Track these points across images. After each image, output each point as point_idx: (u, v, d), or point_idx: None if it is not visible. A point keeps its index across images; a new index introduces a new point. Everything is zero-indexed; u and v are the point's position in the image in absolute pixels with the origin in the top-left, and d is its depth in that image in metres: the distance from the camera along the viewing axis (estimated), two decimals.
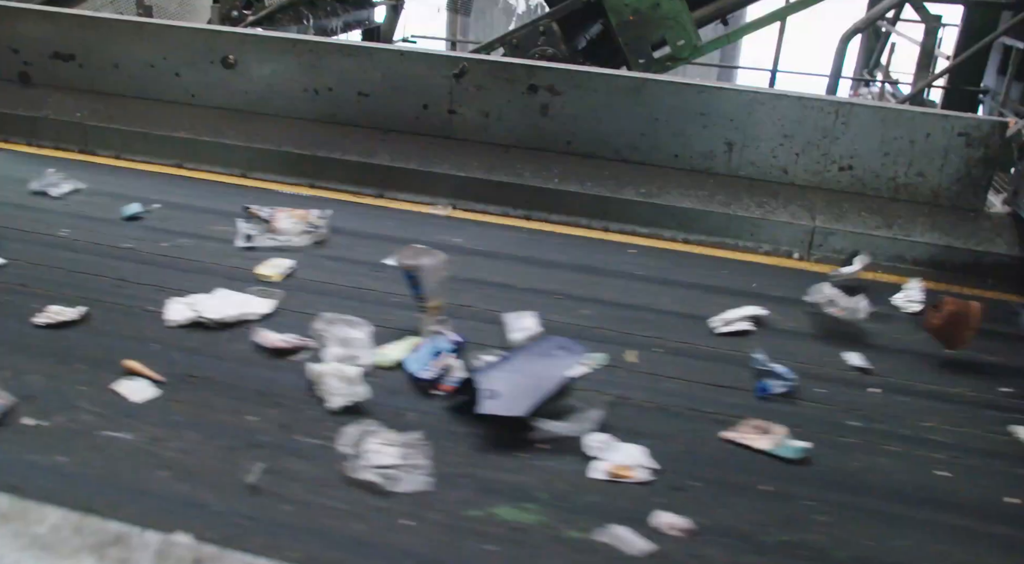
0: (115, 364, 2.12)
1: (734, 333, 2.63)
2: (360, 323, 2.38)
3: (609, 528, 1.73)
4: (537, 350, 2.30)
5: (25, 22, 4.19)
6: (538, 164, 3.62)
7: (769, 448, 2.06)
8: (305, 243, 3.05)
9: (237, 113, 3.94)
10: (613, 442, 2.02)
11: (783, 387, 2.32)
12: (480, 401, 2.02)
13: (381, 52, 3.79)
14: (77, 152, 4.01)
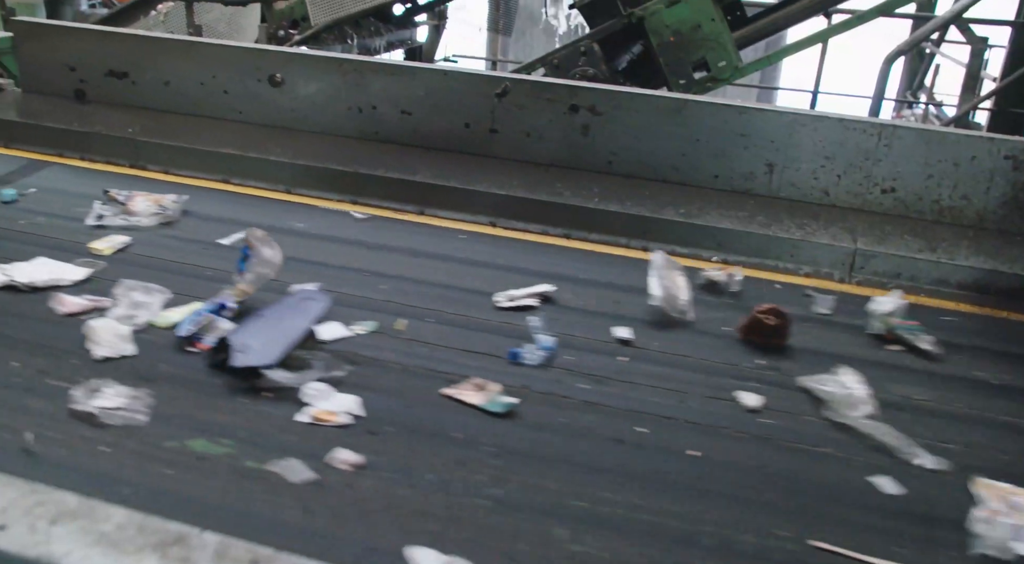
0: None
1: (518, 308, 2.78)
2: (157, 290, 2.62)
3: (284, 460, 1.89)
4: (287, 303, 2.52)
5: (82, 41, 4.33)
6: (578, 183, 3.65)
7: (479, 403, 2.21)
8: (152, 223, 3.31)
9: (282, 130, 4.02)
10: (330, 392, 2.19)
11: (538, 354, 2.44)
12: (232, 355, 2.19)
13: (424, 71, 3.85)
14: (128, 167, 4.11)
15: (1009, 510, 1.85)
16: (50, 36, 4.42)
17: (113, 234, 3.16)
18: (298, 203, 3.74)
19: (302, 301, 2.50)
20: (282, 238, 2.81)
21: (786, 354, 2.63)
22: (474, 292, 2.90)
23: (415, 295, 2.86)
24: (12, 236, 3.11)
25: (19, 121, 4.34)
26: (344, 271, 3.03)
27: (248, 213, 3.39)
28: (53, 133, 4.24)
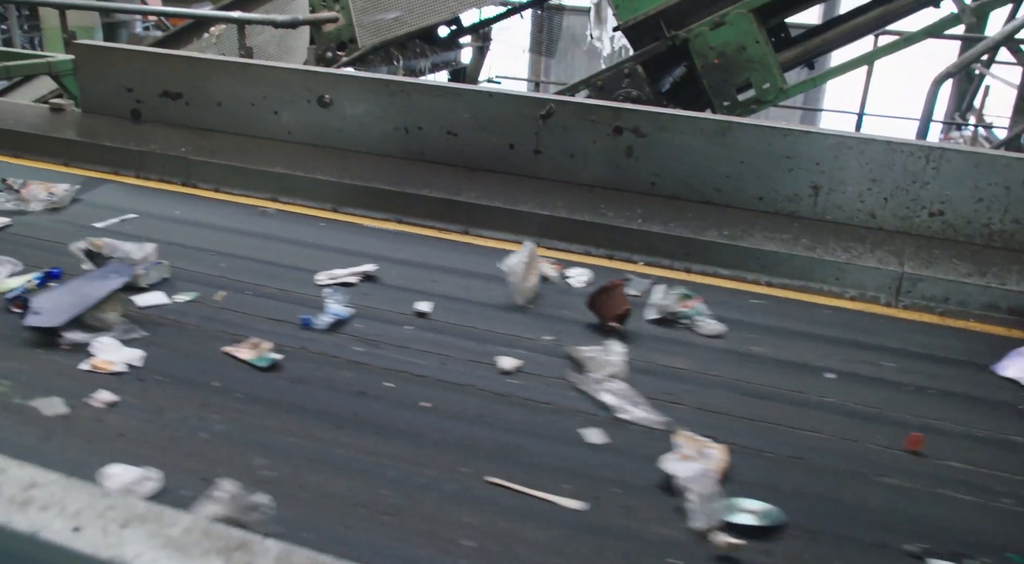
0: None
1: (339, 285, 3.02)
2: (7, 261, 2.91)
3: (47, 398, 2.12)
4: (94, 274, 2.79)
5: (139, 63, 4.46)
6: (621, 204, 3.66)
7: (248, 358, 2.46)
8: (39, 209, 3.62)
9: (330, 150, 4.09)
10: (118, 346, 2.43)
11: (324, 320, 2.69)
12: (26, 316, 2.51)
13: (470, 93, 3.90)
14: (180, 185, 4.22)
15: (699, 456, 2.04)
16: (109, 58, 4.56)
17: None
18: (342, 221, 3.82)
19: (108, 273, 2.76)
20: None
21: (578, 331, 2.81)
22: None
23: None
24: None
25: (78, 140, 4.48)
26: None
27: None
28: (110, 152, 4.38)
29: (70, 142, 4.49)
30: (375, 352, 2.58)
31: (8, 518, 0.79)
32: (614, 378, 2.43)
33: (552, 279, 3.24)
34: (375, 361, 2.52)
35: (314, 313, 2.74)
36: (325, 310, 2.74)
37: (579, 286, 3.20)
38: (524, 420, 2.27)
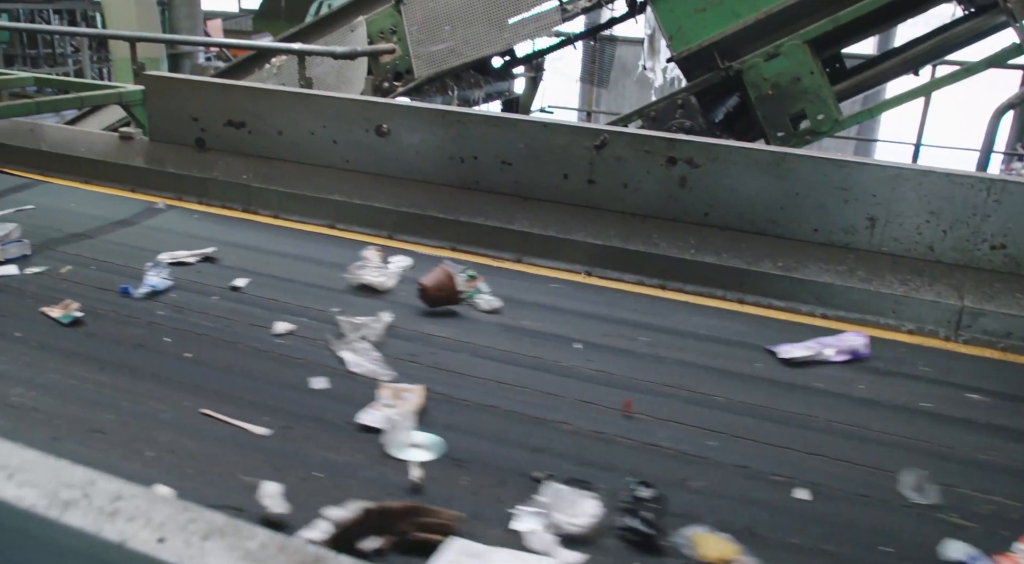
0: None
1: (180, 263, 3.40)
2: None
3: None
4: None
5: (204, 93, 4.61)
6: (674, 234, 3.67)
7: (56, 316, 2.82)
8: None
9: (387, 178, 4.17)
10: None
11: (142, 291, 3.06)
12: None
13: (525, 123, 3.95)
14: (241, 211, 4.33)
15: (396, 401, 2.35)
16: (176, 89, 4.72)
17: None
18: (397, 247, 3.88)
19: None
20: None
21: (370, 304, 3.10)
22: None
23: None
24: None
25: (145, 167, 4.63)
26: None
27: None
28: (175, 178, 4.52)
29: (137, 169, 4.65)
30: (174, 316, 2.93)
31: (99, 528, 0.84)
32: (364, 340, 2.73)
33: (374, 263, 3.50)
34: (166, 322, 2.87)
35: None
36: (145, 282, 3.13)
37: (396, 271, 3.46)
38: (268, 370, 2.59)
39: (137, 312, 2.95)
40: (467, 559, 1.66)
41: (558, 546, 1.76)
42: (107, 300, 3.03)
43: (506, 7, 6.34)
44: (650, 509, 1.84)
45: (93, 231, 3.86)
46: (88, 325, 2.81)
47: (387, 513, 1.75)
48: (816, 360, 2.85)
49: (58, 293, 3.03)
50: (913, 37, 5.85)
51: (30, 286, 3.14)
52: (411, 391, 2.42)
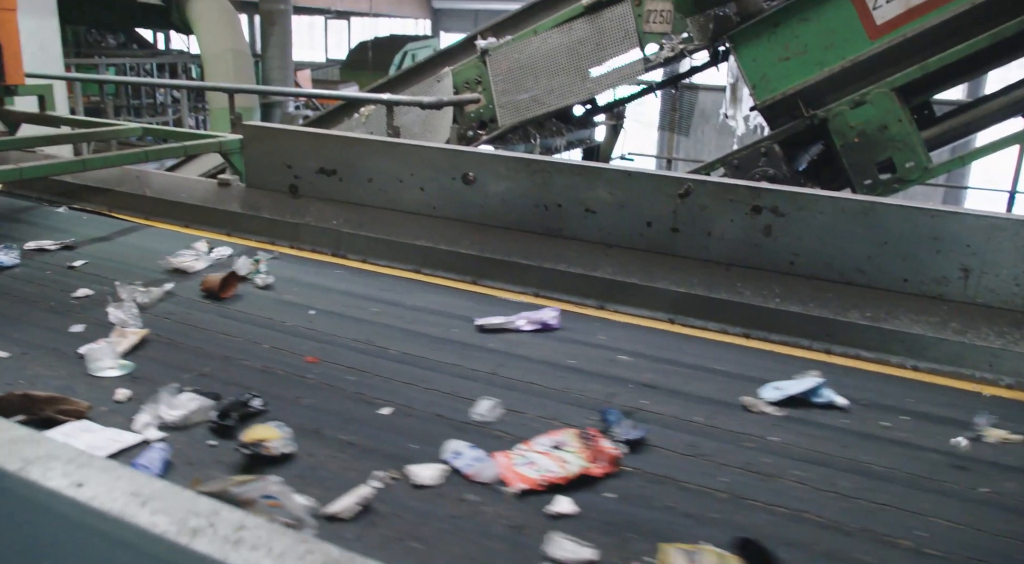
0: None
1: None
2: None
3: None
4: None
5: (299, 142, 4.81)
6: (759, 283, 3.65)
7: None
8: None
9: (472, 225, 4.26)
10: None
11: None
12: None
13: (609, 172, 4.00)
14: (330, 255, 4.48)
15: (118, 339, 2.99)
16: (272, 138, 4.94)
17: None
18: (482, 293, 3.97)
19: None
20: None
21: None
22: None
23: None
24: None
25: (241, 212, 4.84)
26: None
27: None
28: (269, 223, 4.71)
29: (234, 214, 4.86)
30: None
31: (224, 555, 0.90)
32: (134, 301, 3.37)
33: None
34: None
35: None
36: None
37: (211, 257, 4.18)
38: (57, 323, 3.27)
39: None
40: (79, 431, 2.31)
41: (154, 428, 2.36)
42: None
43: (589, 58, 6.46)
44: (238, 410, 2.45)
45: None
46: None
47: (31, 398, 2.36)
48: (508, 328, 3.43)
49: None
50: (1006, 85, 5.73)
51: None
52: (135, 333, 3.05)
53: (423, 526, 1.98)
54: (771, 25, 5.70)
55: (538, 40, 6.63)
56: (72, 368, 2.81)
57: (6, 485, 1.11)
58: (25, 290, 3.64)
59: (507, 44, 6.80)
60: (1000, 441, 2.65)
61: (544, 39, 6.59)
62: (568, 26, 6.57)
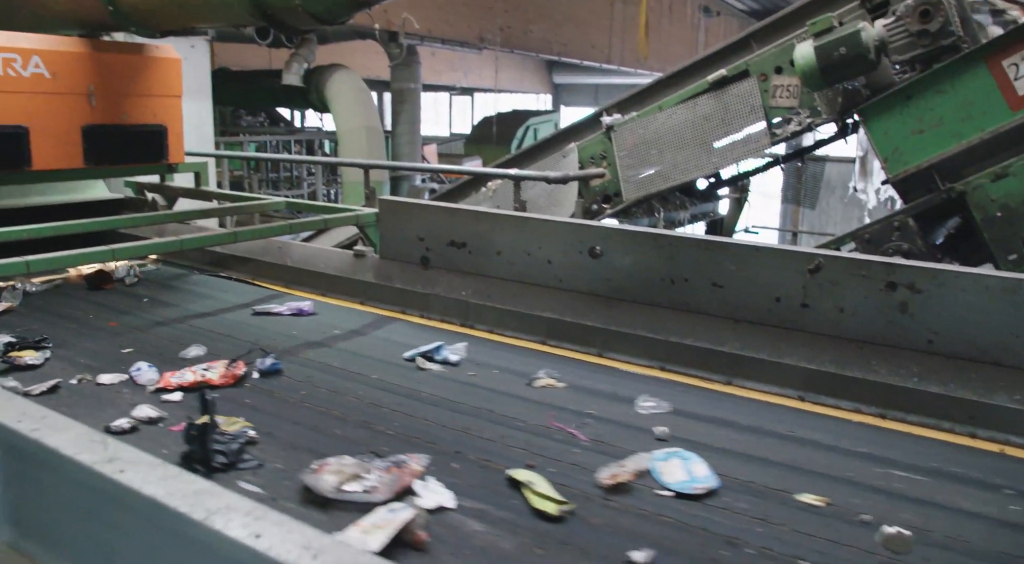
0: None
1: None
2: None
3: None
4: None
5: (431, 216, 5.02)
6: (895, 362, 3.53)
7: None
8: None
9: (599, 298, 4.32)
10: None
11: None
12: None
13: (737, 247, 4.00)
14: (458, 325, 4.61)
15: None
16: (406, 212, 5.17)
17: None
18: (606, 365, 3.99)
19: None
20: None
21: None
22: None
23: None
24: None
25: (375, 282, 5.06)
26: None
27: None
28: (400, 293, 4.90)
29: (368, 284, 5.08)
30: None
31: None
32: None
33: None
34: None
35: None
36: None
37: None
38: None
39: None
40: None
41: None
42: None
43: (714, 132, 6.51)
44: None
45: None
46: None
47: None
48: (273, 312, 4.63)
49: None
50: None
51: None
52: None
53: None
54: (903, 98, 5.62)
55: (663, 116, 6.73)
56: None
57: (193, 533, 1.22)
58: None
59: (632, 120, 6.94)
60: None
61: (669, 115, 6.70)
62: (693, 102, 6.66)
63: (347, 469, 2.38)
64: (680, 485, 2.59)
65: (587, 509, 2.41)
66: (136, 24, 5.27)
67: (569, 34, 20.71)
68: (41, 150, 5.36)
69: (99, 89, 5.58)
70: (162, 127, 5.98)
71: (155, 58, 5.92)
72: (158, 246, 5.05)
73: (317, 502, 2.32)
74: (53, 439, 1.55)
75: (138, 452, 1.50)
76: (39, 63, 5.26)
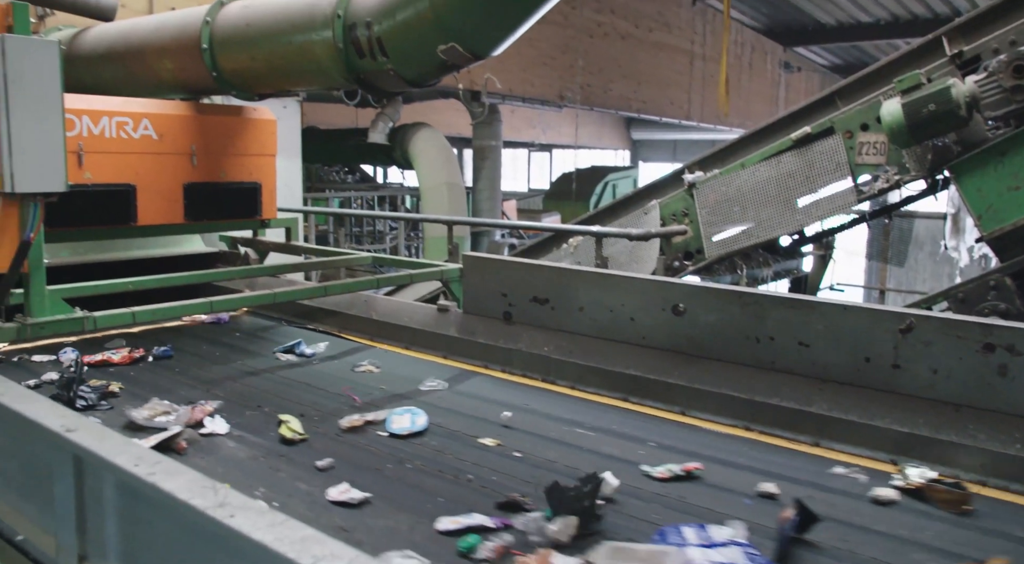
0: None
1: None
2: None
3: None
4: None
5: (514, 272, 5.10)
6: (995, 427, 3.41)
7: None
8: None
9: (681, 355, 4.30)
10: None
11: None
12: None
13: (824, 305, 3.94)
14: (540, 380, 4.64)
15: None
16: (490, 268, 5.26)
17: None
18: (690, 424, 3.95)
19: None
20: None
21: None
22: None
23: None
24: None
25: (458, 337, 5.14)
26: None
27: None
28: (483, 348, 4.96)
29: (451, 338, 5.16)
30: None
31: None
32: None
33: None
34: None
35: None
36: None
37: None
38: None
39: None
40: None
41: None
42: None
43: (798, 189, 6.46)
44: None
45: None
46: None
47: None
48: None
49: None
50: None
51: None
52: None
53: None
54: (998, 154, 5.49)
55: (746, 173, 6.72)
56: None
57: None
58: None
59: (714, 177, 6.95)
60: None
61: (752, 172, 6.68)
62: (776, 159, 6.64)
63: (159, 407, 3.65)
64: (398, 429, 3.63)
65: (317, 440, 3.53)
66: (237, 88, 5.57)
67: (648, 91, 20.89)
68: (146, 206, 5.66)
69: (200, 149, 5.88)
70: (257, 184, 6.25)
71: (252, 119, 6.22)
72: (254, 299, 5.25)
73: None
74: (168, 483, 1.64)
75: (247, 499, 1.57)
76: (148, 125, 5.59)
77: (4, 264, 3.72)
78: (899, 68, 6.43)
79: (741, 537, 2.58)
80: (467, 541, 2.51)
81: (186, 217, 5.89)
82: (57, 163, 3.60)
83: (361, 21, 4.58)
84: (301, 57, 4.97)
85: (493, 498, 2.95)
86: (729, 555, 2.43)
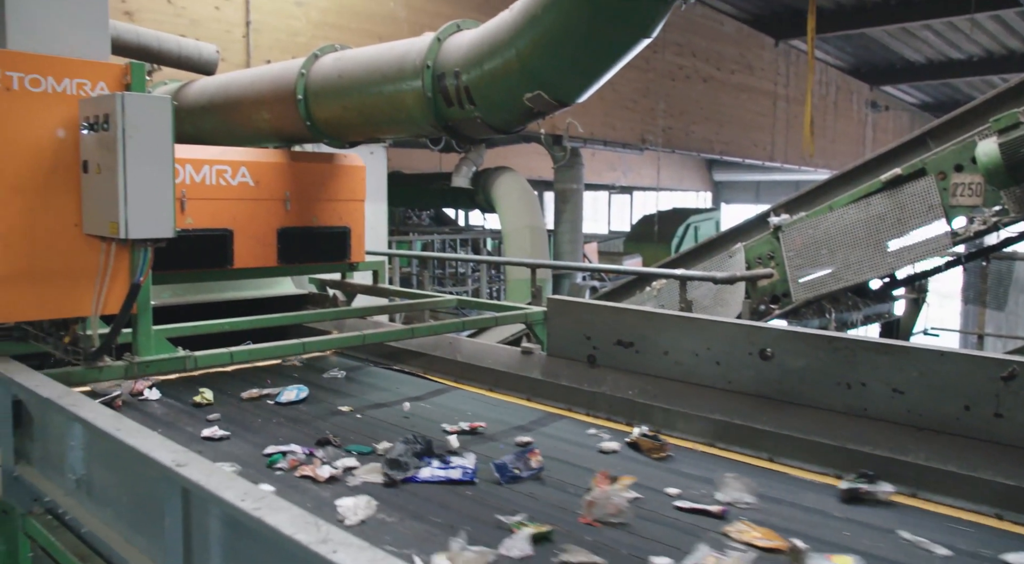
0: None
1: None
2: None
3: None
4: None
5: (598, 315, 5.12)
6: None
7: None
8: None
9: (768, 401, 4.23)
10: None
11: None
12: None
13: (919, 351, 3.84)
14: (624, 424, 4.62)
15: None
16: (574, 311, 5.30)
17: None
18: (779, 471, 3.87)
19: None
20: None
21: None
22: None
23: None
24: None
25: (541, 379, 5.17)
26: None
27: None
28: (566, 391, 4.98)
29: (535, 380, 5.19)
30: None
31: None
32: None
33: None
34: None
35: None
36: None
37: None
38: None
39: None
40: None
41: None
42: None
43: (889, 232, 6.31)
44: None
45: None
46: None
47: None
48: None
49: None
50: None
51: None
52: None
53: None
54: None
55: (834, 216, 6.61)
56: None
57: None
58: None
59: (801, 220, 6.85)
60: None
61: (840, 215, 6.57)
62: (866, 201, 6.51)
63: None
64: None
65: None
66: (329, 136, 5.79)
67: (731, 133, 20.77)
68: (242, 250, 5.90)
69: (294, 195, 6.11)
70: (346, 229, 6.45)
71: (343, 166, 6.45)
72: (344, 340, 5.40)
73: None
74: (273, 518, 1.71)
75: (348, 535, 1.62)
76: (245, 173, 5.85)
77: (116, 306, 3.93)
78: (995, 107, 6.27)
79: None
80: (273, 457, 3.68)
81: (279, 260, 6.11)
82: (166, 211, 3.80)
83: (450, 71, 4.73)
84: (391, 106, 5.14)
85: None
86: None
